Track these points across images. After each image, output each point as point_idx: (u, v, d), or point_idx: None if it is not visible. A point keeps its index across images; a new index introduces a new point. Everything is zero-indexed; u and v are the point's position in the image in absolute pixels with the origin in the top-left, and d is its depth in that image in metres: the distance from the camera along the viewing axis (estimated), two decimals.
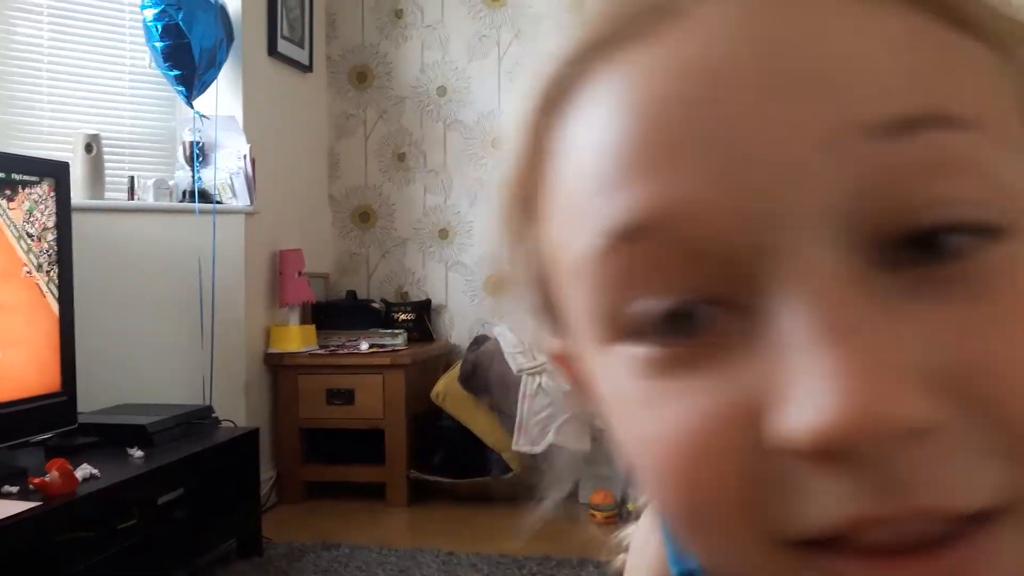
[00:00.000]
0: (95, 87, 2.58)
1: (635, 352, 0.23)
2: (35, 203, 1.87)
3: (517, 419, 2.57)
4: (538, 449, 2.59)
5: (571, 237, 0.24)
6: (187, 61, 2.43)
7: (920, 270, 0.20)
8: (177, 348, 2.45)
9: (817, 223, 0.20)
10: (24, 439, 1.86)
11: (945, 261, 0.20)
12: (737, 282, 0.21)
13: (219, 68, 2.54)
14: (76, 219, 2.05)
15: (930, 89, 0.21)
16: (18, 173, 1.83)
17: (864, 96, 0.20)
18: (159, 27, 2.41)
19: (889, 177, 0.20)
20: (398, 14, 3.18)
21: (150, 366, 2.42)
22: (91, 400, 2.20)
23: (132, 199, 2.51)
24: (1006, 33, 0.23)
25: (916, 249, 0.20)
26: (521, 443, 2.58)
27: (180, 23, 2.40)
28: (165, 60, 2.45)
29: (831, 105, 0.20)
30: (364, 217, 3.23)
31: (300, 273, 2.80)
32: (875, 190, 0.20)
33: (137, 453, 1.94)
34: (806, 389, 0.19)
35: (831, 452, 0.19)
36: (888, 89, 0.20)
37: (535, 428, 2.60)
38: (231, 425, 2.33)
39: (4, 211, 1.79)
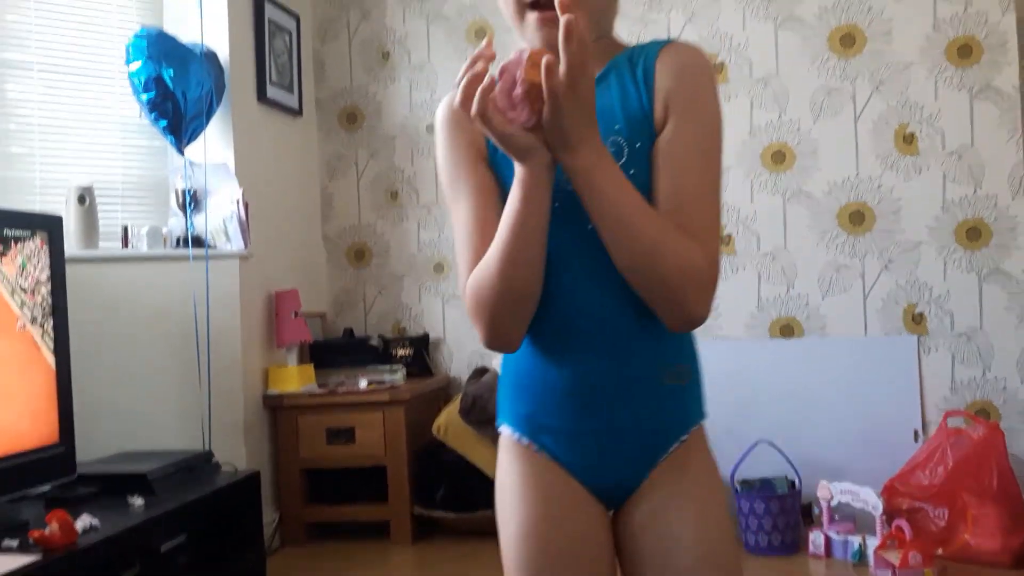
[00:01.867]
0: (87, 140, 2.61)
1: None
2: (28, 257, 1.89)
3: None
4: None
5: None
6: (174, 111, 2.46)
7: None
8: (175, 393, 2.45)
9: None
10: (23, 492, 1.85)
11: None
12: None
13: (210, 116, 2.57)
14: (70, 270, 2.06)
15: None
16: (11, 228, 1.85)
17: None
18: (142, 80, 2.45)
19: None
20: (385, 56, 3.23)
21: (149, 412, 2.42)
22: (90, 449, 2.20)
23: (126, 247, 2.52)
24: None
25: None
26: None
27: (164, 75, 2.43)
28: (152, 111, 2.48)
29: None
30: (359, 255, 3.25)
31: (296, 313, 2.81)
32: None
33: (138, 501, 1.93)
34: None
35: None
36: None
37: None
38: (232, 469, 2.32)
39: None
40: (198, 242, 2.52)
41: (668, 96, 0.90)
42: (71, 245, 2.35)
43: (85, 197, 2.42)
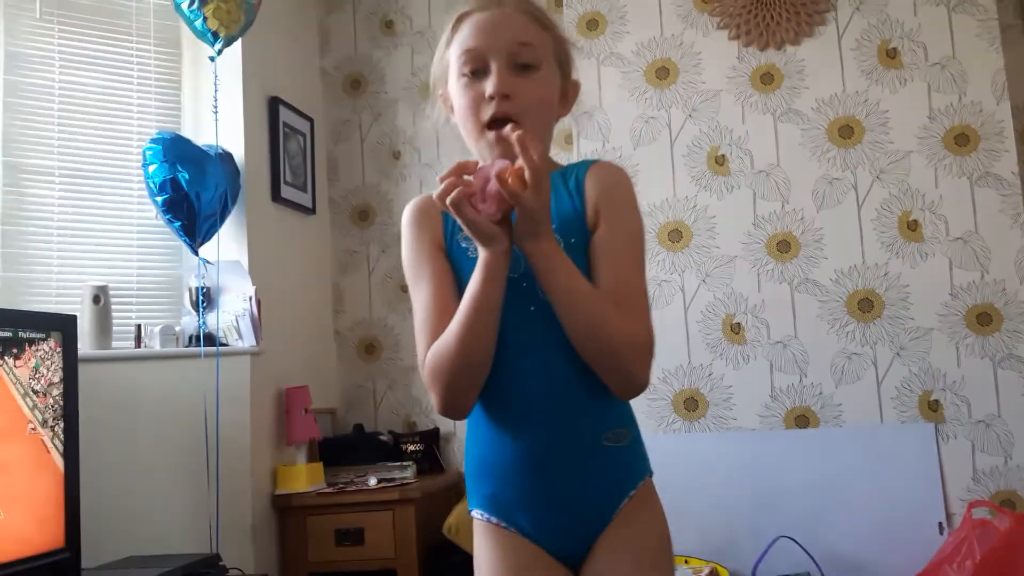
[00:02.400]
0: (104, 241, 2.66)
1: (463, 79, 1.13)
2: (41, 359, 1.90)
3: None
4: None
5: (454, 55, 1.15)
6: (189, 212, 2.52)
7: (523, 70, 1.12)
8: (184, 494, 2.41)
9: (502, 55, 1.11)
10: None
11: (526, 70, 1.12)
12: (485, 65, 1.11)
13: (224, 216, 2.63)
14: (83, 369, 2.07)
15: (535, 37, 1.13)
16: (25, 330, 1.87)
17: (519, 35, 1.12)
18: (158, 182, 2.52)
19: (521, 45, 1.12)
20: (396, 155, 3.32)
21: (156, 514, 2.38)
22: (97, 553, 2.16)
23: (139, 347, 2.54)
24: (553, 27, 1.17)
25: (523, 69, 1.11)
26: None
27: (179, 177, 2.50)
28: (167, 213, 2.54)
29: (513, 35, 1.12)
30: (369, 349, 3.26)
31: (307, 410, 2.80)
32: (515, 54, 1.12)
33: None
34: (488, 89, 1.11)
35: (493, 99, 1.10)
36: (526, 35, 1.12)
37: None
38: (239, 573, 2.27)
39: (11, 370, 1.82)
40: (210, 340, 2.53)
41: (598, 202, 1.11)
42: (85, 345, 2.37)
43: (100, 297, 2.46)
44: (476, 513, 1.14)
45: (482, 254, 1.02)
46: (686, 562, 2.62)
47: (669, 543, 1.14)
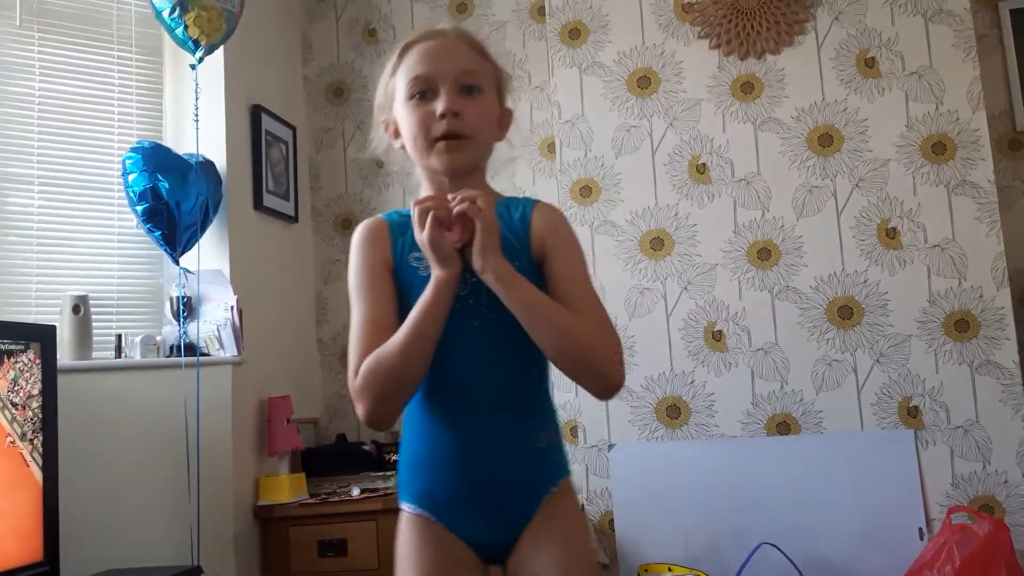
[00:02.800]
0: (84, 250, 2.64)
1: (412, 101, 1.22)
2: (20, 371, 1.89)
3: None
4: None
5: (402, 81, 1.23)
6: (169, 221, 2.51)
7: (468, 92, 1.22)
8: (165, 505, 2.40)
9: (449, 79, 1.21)
10: None
11: (470, 92, 1.22)
12: (434, 88, 1.22)
13: (205, 225, 2.62)
14: (62, 380, 2.05)
15: (477, 65, 1.24)
16: (4, 341, 1.85)
17: (465, 63, 1.23)
18: (138, 191, 2.51)
19: (467, 72, 1.23)
20: (379, 164, 3.31)
21: (137, 526, 2.36)
22: (76, 566, 2.14)
23: (119, 357, 2.52)
24: (491, 58, 1.28)
25: (468, 91, 1.21)
26: None
27: (159, 187, 2.49)
28: (147, 222, 2.53)
29: (459, 62, 1.22)
30: None
31: (289, 420, 2.78)
32: (461, 78, 1.22)
33: None
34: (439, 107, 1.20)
35: (444, 117, 1.19)
36: (470, 62, 1.24)
37: None
38: None
39: None
40: (191, 350, 2.52)
41: (547, 240, 1.23)
42: (64, 355, 2.35)
43: (80, 307, 2.44)
44: (405, 506, 1.22)
45: (436, 273, 1.12)
46: (669, 569, 2.62)
47: (588, 535, 1.25)
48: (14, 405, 1.86)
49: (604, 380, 1.15)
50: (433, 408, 1.20)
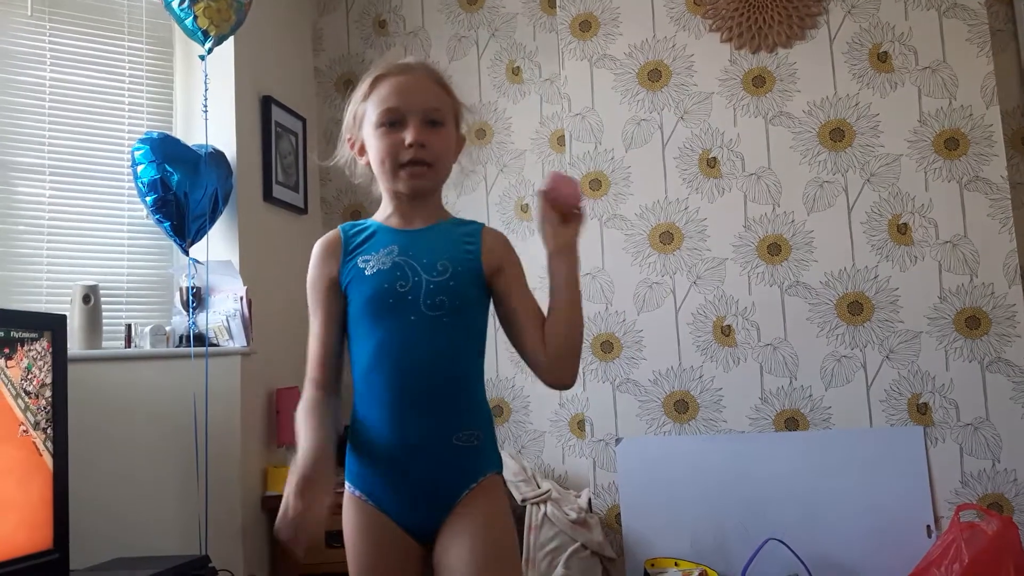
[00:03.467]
0: (94, 240, 2.65)
1: (382, 128, 1.37)
2: (33, 360, 1.89)
3: (524, 552, 2.49)
4: None
5: (372, 110, 1.38)
6: (178, 212, 2.51)
7: (432, 125, 1.37)
8: (173, 495, 2.41)
9: (417, 113, 1.36)
10: None
11: (434, 126, 1.37)
12: (403, 120, 1.36)
13: (216, 215, 2.62)
14: (73, 369, 2.06)
15: (441, 100, 1.39)
16: (16, 329, 1.86)
17: (431, 100, 1.38)
18: (147, 182, 2.51)
19: (433, 108, 1.38)
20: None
21: (146, 515, 2.37)
22: (85, 555, 2.15)
23: (129, 346, 2.53)
24: (451, 91, 1.43)
25: (432, 125, 1.38)
26: None
27: (167, 177, 2.49)
28: (156, 213, 2.53)
29: (426, 98, 1.38)
30: None
31: None
32: (428, 112, 1.37)
33: None
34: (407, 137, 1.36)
35: (411, 147, 1.34)
36: (435, 99, 1.39)
37: (543, 561, 2.52)
38: (229, 575, 2.26)
39: (2, 370, 1.81)
40: (200, 340, 2.52)
41: (501, 259, 1.38)
42: (74, 345, 2.36)
43: (90, 296, 2.44)
44: (347, 486, 1.35)
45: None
46: (676, 564, 2.62)
47: (509, 528, 1.33)
48: (27, 393, 1.87)
49: (574, 375, 1.33)
50: (371, 398, 1.32)
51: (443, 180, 1.42)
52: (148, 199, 2.53)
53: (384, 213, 1.42)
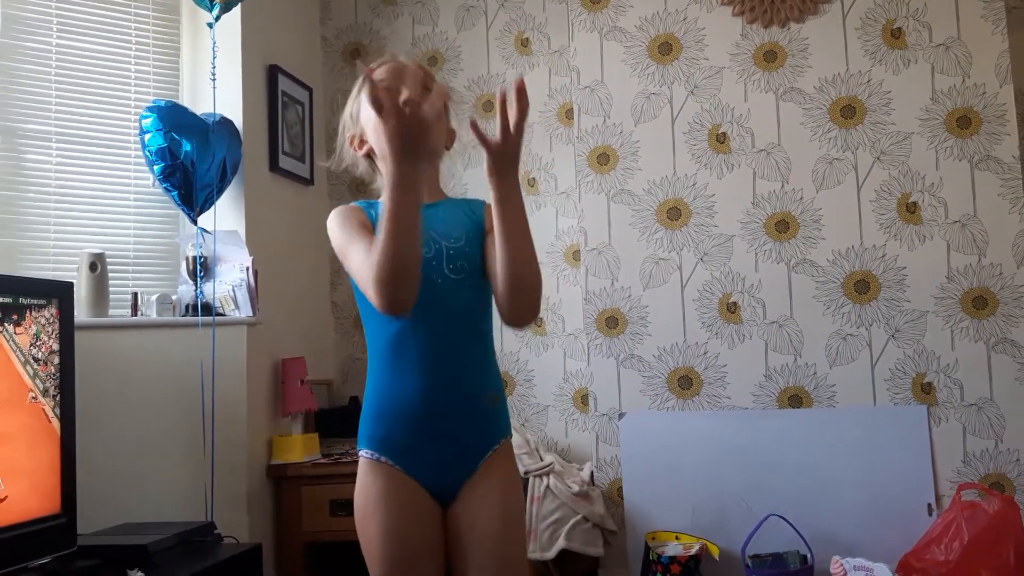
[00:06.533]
0: (102, 208, 2.65)
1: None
2: (42, 326, 1.90)
3: (526, 524, 2.51)
4: (550, 555, 2.53)
5: (366, 111, 1.37)
6: (186, 181, 2.51)
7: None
8: (179, 462, 2.43)
9: (412, 86, 1.38)
10: (22, 565, 1.82)
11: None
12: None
13: (224, 185, 2.61)
14: (79, 337, 2.07)
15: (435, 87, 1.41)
16: (23, 296, 1.86)
17: (422, 80, 1.43)
18: (154, 150, 2.50)
19: (425, 90, 1.39)
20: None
21: (152, 482, 2.39)
22: (92, 519, 2.17)
23: (135, 315, 2.54)
24: (443, 90, 1.31)
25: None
26: (531, 549, 2.52)
27: (175, 146, 2.49)
28: (164, 181, 2.52)
29: (418, 77, 1.43)
30: None
31: (303, 381, 2.80)
32: (421, 86, 1.41)
33: (138, 575, 1.89)
34: None
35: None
36: (427, 84, 1.43)
37: (545, 533, 2.54)
38: (233, 541, 2.28)
39: (11, 336, 1.82)
40: (207, 310, 2.53)
41: (490, 221, 1.32)
42: (81, 312, 2.36)
43: (97, 264, 2.45)
44: (364, 452, 1.37)
45: (396, 172, 1.19)
46: (677, 538, 2.65)
47: (521, 493, 1.42)
48: (36, 360, 1.87)
49: (535, 311, 1.31)
50: (395, 362, 1.35)
51: (437, 156, 1.43)
52: (156, 168, 2.52)
53: None
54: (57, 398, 1.93)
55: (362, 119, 1.42)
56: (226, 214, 2.69)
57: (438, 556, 1.35)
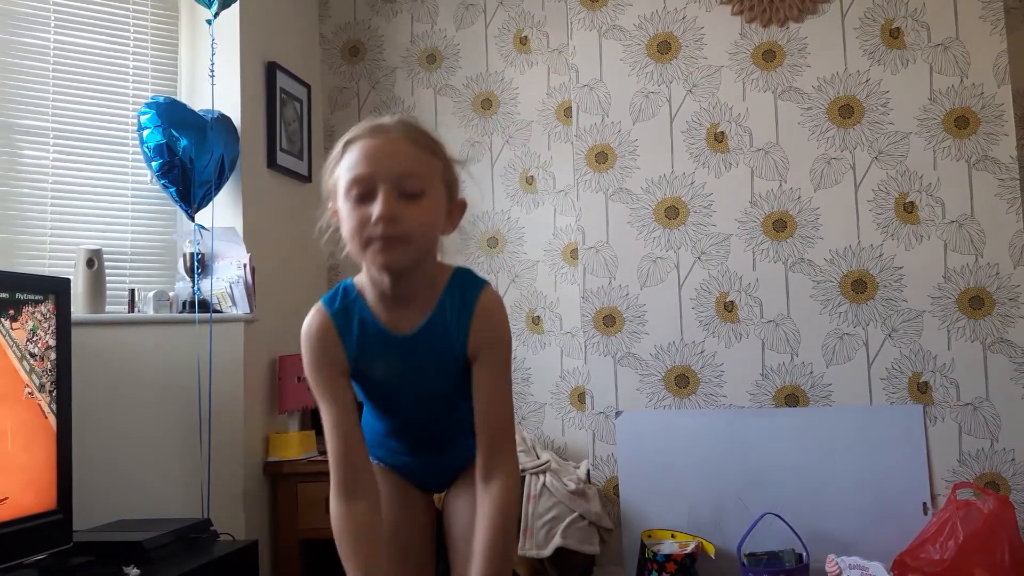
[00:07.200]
0: (99, 204, 2.65)
1: (351, 202, 1.22)
2: (38, 322, 1.90)
3: (521, 521, 2.52)
4: (546, 553, 2.53)
5: (342, 179, 1.24)
6: (184, 177, 2.50)
7: (409, 197, 1.21)
8: (176, 459, 2.43)
9: (388, 182, 1.20)
10: (17, 561, 1.82)
11: (412, 197, 1.21)
12: (372, 191, 1.20)
13: (221, 181, 2.61)
14: (76, 333, 2.07)
15: (421, 166, 1.24)
16: (20, 292, 1.86)
17: (405, 166, 1.22)
18: (152, 147, 2.50)
19: (407, 176, 1.22)
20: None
21: (148, 478, 2.39)
22: (88, 516, 2.17)
23: (132, 311, 2.53)
24: (440, 152, 1.28)
25: (409, 196, 1.20)
26: (527, 547, 2.52)
27: (173, 143, 2.48)
28: (162, 178, 2.52)
29: (399, 165, 1.22)
30: None
31: (300, 378, 2.80)
32: (401, 181, 1.21)
33: (134, 571, 1.90)
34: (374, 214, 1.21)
35: (380, 222, 1.19)
36: (412, 165, 1.23)
37: (541, 531, 2.55)
38: (230, 538, 2.29)
39: (7, 332, 1.81)
40: (204, 306, 2.53)
41: (478, 341, 1.29)
42: (78, 309, 2.36)
43: (94, 260, 2.45)
44: None
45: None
46: (673, 536, 2.65)
47: None
48: (32, 356, 1.87)
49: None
50: (384, 426, 1.44)
51: (427, 252, 1.26)
52: (154, 164, 2.52)
53: (369, 290, 1.31)
54: (53, 394, 1.93)
55: (338, 199, 1.25)
56: (224, 211, 2.69)
57: (428, 544, 1.46)
